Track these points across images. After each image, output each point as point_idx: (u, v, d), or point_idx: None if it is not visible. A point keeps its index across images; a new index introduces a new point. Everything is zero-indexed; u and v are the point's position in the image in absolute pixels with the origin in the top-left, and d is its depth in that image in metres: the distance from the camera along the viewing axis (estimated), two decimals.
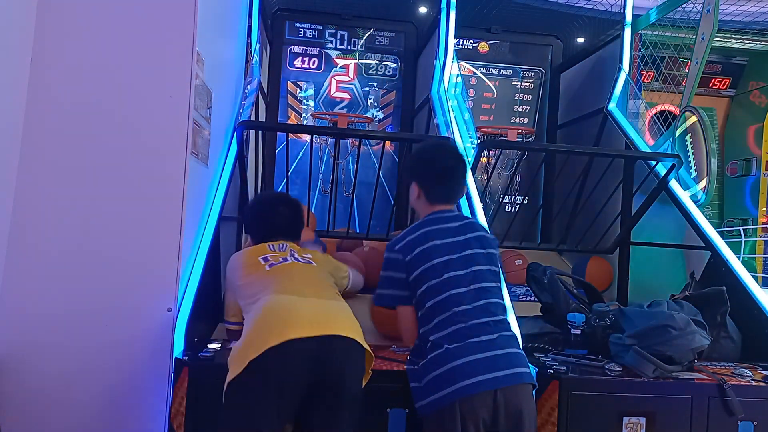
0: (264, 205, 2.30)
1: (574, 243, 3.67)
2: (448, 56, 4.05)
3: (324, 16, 5.18)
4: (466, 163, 2.00)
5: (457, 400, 1.64)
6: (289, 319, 1.70)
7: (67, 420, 2.02)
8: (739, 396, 2.03)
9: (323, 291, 1.92)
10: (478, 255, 1.84)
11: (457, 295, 1.76)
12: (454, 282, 1.78)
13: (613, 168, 3.29)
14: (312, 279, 1.97)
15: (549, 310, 2.59)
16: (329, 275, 2.10)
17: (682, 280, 3.06)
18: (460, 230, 1.88)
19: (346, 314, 1.83)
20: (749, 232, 5.85)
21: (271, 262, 1.98)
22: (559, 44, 5.41)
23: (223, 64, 2.93)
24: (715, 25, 3.43)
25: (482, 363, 1.68)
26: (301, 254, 2.08)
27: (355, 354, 1.74)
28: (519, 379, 1.71)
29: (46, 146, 2.08)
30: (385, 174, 5.09)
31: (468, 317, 1.74)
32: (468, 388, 1.64)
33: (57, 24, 2.11)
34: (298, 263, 2.02)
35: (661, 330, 2.13)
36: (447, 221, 1.89)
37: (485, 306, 1.77)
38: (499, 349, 1.72)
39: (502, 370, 1.68)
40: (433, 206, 1.93)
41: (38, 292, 2.04)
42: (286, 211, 2.23)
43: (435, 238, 1.84)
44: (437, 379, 1.68)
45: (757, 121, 6.39)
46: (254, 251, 2.07)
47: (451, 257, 1.81)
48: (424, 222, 1.90)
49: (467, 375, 1.66)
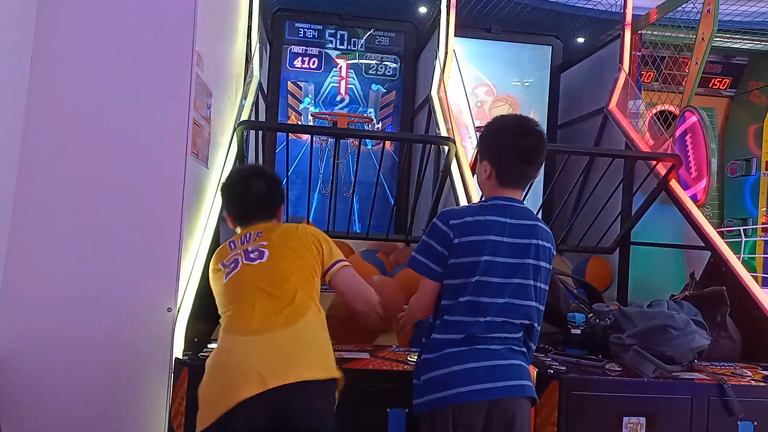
0: (235, 180, 2.12)
1: (574, 243, 3.67)
2: (448, 56, 4.05)
3: (324, 16, 5.18)
4: (547, 145, 1.75)
5: (449, 406, 1.60)
6: (239, 375, 1.62)
7: (67, 419, 2.02)
8: (739, 396, 2.03)
9: (277, 309, 1.74)
10: (528, 267, 1.67)
11: (486, 304, 1.63)
12: (491, 290, 1.63)
13: (613, 168, 3.29)
14: (264, 291, 1.78)
15: (549, 310, 2.58)
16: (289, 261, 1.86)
17: (682, 280, 3.06)
18: (524, 232, 1.68)
19: (300, 347, 1.69)
20: (749, 232, 5.85)
21: (227, 271, 1.86)
22: (559, 44, 5.41)
23: (223, 64, 2.93)
24: (715, 25, 3.43)
25: (481, 371, 1.61)
26: (257, 244, 1.90)
27: (315, 392, 1.65)
28: (518, 391, 1.63)
29: (45, 146, 2.08)
30: (385, 174, 5.09)
31: (485, 329, 1.63)
32: (462, 396, 1.59)
33: (57, 24, 2.11)
34: (247, 267, 1.84)
35: (661, 330, 2.13)
36: (513, 215, 1.69)
37: (505, 324, 1.64)
38: (502, 360, 1.64)
39: (500, 381, 1.61)
40: (502, 189, 1.73)
41: (38, 291, 2.04)
42: (259, 185, 2.04)
43: (493, 232, 1.65)
44: (434, 381, 1.65)
45: (757, 121, 6.40)
46: (217, 256, 1.98)
47: (501, 260, 1.64)
48: (488, 207, 1.71)
49: (464, 382, 1.60)
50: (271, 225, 2.00)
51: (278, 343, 1.68)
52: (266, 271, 1.82)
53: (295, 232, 1.96)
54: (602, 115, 4.17)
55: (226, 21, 3.02)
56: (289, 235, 1.95)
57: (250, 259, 1.86)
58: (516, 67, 5.41)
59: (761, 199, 6.20)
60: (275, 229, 1.96)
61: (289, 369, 1.62)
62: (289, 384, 1.59)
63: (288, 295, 1.77)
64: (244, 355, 1.66)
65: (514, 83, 5.40)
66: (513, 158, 1.71)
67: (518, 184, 1.75)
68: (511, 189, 1.74)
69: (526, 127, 1.73)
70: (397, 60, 5.30)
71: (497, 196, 1.73)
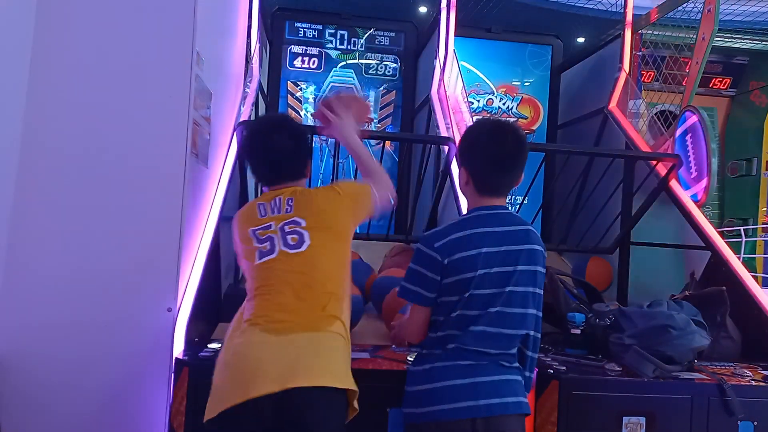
0: (256, 135, 1.90)
1: (574, 243, 3.67)
2: (448, 56, 4.05)
3: (324, 15, 5.18)
4: (527, 150, 1.71)
5: (432, 422, 1.57)
6: (255, 372, 1.59)
7: (67, 419, 2.02)
8: (739, 396, 2.03)
9: (307, 312, 1.68)
10: (522, 273, 1.62)
11: (476, 315, 1.59)
12: (482, 301, 1.59)
13: (613, 168, 3.29)
14: (298, 290, 1.70)
15: (549, 310, 2.58)
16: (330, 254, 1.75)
17: (682, 280, 3.06)
18: (515, 238, 1.64)
19: (320, 353, 1.63)
20: (749, 232, 5.85)
21: (260, 249, 1.73)
22: (559, 44, 5.41)
23: (223, 64, 2.93)
24: (716, 25, 3.42)
25: (462, 389, 1.56)
26: (294, 220, 1.74)
27: (328, 399, 1.60)
28: (499, 409, 1.56)
29: (45, 146, 2.08)
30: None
31: (475, 341, 1.58)
32: (443, 413, 1.56)
33: (57, 24, 2.11)
34: (286, 256, 1.71)
35: (661, 330, 2.13)
36: (500, 223, 1.65)
37: (498, 337, 1.59)
38: (486, 376, 1.58)
39: (482, 399, 1.55)
40: (483, 198, 1.69)
41: (38, 292, 2.04)
42: (283, 140, 1.82)
43: (482, 244, 1.60)
44: (418, 395, 1.62)
45: (757, 121, 6.40)
46: (246, 216, 1.82)
47: (494, 271, 1.60)
48: (471, 219, 1.66)
49: (445, 400, 1.56)
50: (302, 191, 1.82)
51: (298, 347, 1.62)
52: (304, 269, 1.70)
53: (331, 205, 1.79)
54: (602, 115, 4.17)
55: (226, 21, 3.02)
56: (326, 209, 1.78)
57: (288, 246, 1.71)
58: (516, 67, 5.41)
59: (761, 199, 6.20)
60: (310, 202, 1.78)
61: (306, 373, 1.58)
62: (303, 387, 1.56)
63: (320, 303, 1.69)
64: (265, 354, 1.61)
65: (514, 83, 5.40)
66: (489, 166, 1.67)
67: (497, 191, 1.70)
68: (490, 197, 1.69)
69: (502, 133, 1.67)
70: (397, 60, 5.30)
71: (479, 206, 1.69)
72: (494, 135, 1.67)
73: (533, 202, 4.91)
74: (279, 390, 1.55)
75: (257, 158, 1.89)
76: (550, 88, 5.37)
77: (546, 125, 5.34)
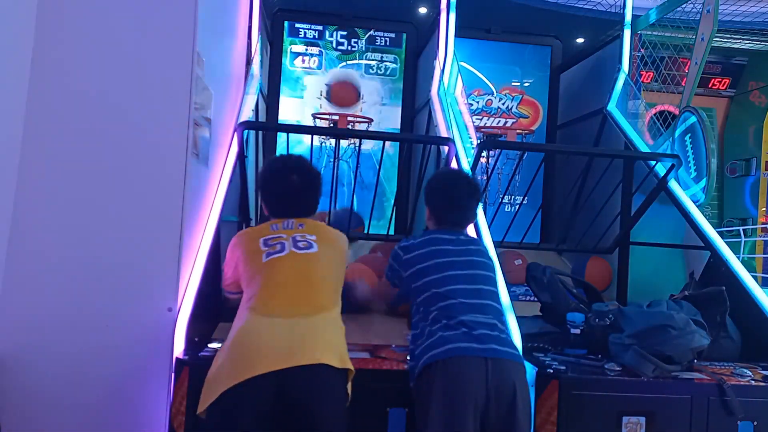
0: (274, 173, 2.06)
1: (573, 243, 3.67)
2: (448, 56, 4.05)
3: (324, 16, 5.18)
4: (480, 195, 2.16)
5: (446, 359, 1.74)
6: (256, 352, 1.65)
7: (68, 419, 2.02)
8: (739, 396, 2.03)
9: (309, 297, 1.81)
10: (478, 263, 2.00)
11: (455, 290, 1.88)
12: (452, 280, 1.91)
13: (612, 168, 3.29)
14: (302, 278, 1.84)
15: (548, 309, 2.59)
16: (330, 262, 1.94)
17: (682, 280, 3.06)
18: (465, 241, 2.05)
19: (319, 334, 1.74)
20: (749, 232, 5.86)
21: (268, 251, 1.87)
22: (559, 44, 5.41)
23: (223, 64, 2.93)
24: (715, 25, 3.43)
25: (473, 337, 1.78)
26: (304, 235, 1.93)
27: (325, 379, 1.67)
28: (509, 355, 1.79)
29: (46, 147, 2.08)
30: (384, 174, 5.09)
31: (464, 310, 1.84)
32: (457, 350, 1.74)
33: (57, 24, 2.11)
34: (295, 254, 1.87)
35: (661, 330, 2.13)
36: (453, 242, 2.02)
37: (482, 305, 1.89)
38: (491, 331, 1.81)
39: (492, 344, 1.78)
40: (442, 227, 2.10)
41: (38, 291, 2.04)
42: (298, 181, 2.01)
43: (436, 256, 1.98)
44: (429, 347, 1.79)
45: (757, 121, 6.40)
46: (256, 232, 1.97)
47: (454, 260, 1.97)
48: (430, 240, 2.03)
49: (458, 341, 1.77)
50: (311, 221, 2.03)
51: (299, 328, 1.73)
52: (308, 264, 1.87)
53: (334, 234, 2.04)
54: (602, 115, 4.17)
55: (226, 21, 3.02)
56: (331, 235, 2.02)
57: (298, 248, 1.89)
58: (516, 68, 5.41)
59: (761, 199, 6.20)
60: (318, 226, 2.02)
61: (306, 351, 1.67)
62: (304, 365, 1.63)
63: (320, 292, 1.85)
64: (266, 335, 1.70)
65: (514, 84, 5.40)
66: (449, 208, 2.08)
67: (455, 226, 2.10)
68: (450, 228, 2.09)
69: (459, 181, 2.12)
70: (397, 60, 5.30)
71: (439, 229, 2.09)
72: (449, 183, 2.11)
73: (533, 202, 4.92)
74: (282, 368, 1.60)
75: (274, 195, 2.05)
76: (550, 88, 5.37)
77: (546, 125, 5.34)
